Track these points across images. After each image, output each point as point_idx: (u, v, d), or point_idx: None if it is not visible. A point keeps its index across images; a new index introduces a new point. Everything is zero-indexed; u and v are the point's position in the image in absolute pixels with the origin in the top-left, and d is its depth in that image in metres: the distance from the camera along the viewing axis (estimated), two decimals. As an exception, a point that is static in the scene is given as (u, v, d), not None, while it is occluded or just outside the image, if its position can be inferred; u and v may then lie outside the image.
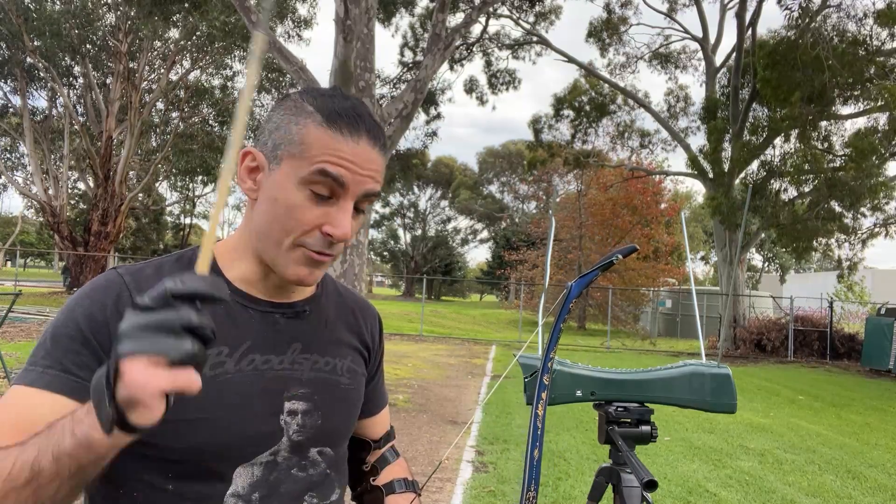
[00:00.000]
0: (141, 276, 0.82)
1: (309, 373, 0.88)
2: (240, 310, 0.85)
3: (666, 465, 5.35)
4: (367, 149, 0.81)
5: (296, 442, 0.85)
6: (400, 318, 22.41)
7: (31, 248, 49.50)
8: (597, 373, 1.41)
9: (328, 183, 0.78)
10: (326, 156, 0.78)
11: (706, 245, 47.41)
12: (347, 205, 0.80)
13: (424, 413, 7.17)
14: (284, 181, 0.79)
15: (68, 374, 0.74)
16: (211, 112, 24.96)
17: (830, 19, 15.12)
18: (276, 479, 0.83)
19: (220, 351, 0.81)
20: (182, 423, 0.76)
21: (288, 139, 0.80)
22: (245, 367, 0.83)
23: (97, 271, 22.09)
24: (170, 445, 0.77)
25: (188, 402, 0.76)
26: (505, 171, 50.45)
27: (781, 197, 17.01)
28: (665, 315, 26.22)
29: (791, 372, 13.94)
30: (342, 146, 0.79)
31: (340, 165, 0.78)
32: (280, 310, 0.88)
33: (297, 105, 0.82)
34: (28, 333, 11.32)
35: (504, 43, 20.04)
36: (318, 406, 0.88)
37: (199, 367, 0.57)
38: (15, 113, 23.85)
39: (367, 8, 7.41)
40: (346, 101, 0.82)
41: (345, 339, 0.97)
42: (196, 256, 0.86)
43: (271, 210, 0.80)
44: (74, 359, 0.74)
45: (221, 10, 17.70)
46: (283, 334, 0.88)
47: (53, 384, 0.73)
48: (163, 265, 0.86)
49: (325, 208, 0.79)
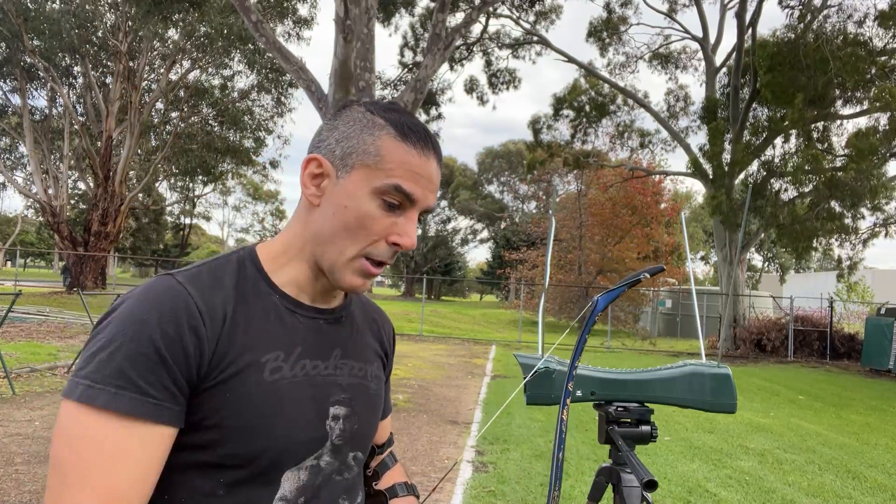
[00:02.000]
0: (202, 283, 0.80)
1: (348, 378, 0.90)
2: (288, 314, 0.86)
3: (666, 465, 5.35)
4: (435, 166, 0.85)
5: (337, 446, 0.87)
6: (400, 318, 22.41)
7: (31, 248, 49.51)
8: (597, 373, 1.41)
9: (400, 197, 0.82)
10: (402, 170, 0.81)
11: (706, 245, 47.42)
12: (414, 216, 0.84)
13: (424, 413, 7.17)
14: (356, 190, 0.82)
15: (145, 397, 0.72)
16: (211, 112, 24.95)
17: (831, 20, 15.14)
18: (320, 484, 0.85)
19: (277, 355, 0.82)
20: (245, 429, 0.77)
21: (361, 149, 0.82)
22: (298, 372, 0.84)
23: (97, 271, 22.10)
24: (232, 451, 0.77)
25: (251, 407, 0.77)
26: (505, 171, 50.48)
27: (781, 197, 17.02)
28: (665, 315, 26.22)
29: (791, 372, 13.94)
30: (415, 161, 0.82)
31: (413, 181, 0.82)
32: (323, 315, 0.90)
33: (367, 117, 0.85)
34: (28, 333, 11.31)
35: (504, 42, 20.05)
36: (355, 411, 0.90)
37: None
38: (15, 113, 23.85)
39: (367, 8, 7.41)
40: (412, 117, 0.86)
41: (371, 345, 1.00)
42: (246, 262, 0.87)
43: (340, 217, 0.82)
44: (150, 378, 0.72)
45: (220, 11, 17.71)
46: (327, 340, 0.90)
47: (133, 409, 0.71)
48: (217, 269, 0.84)
49: (393, 219, 0.83)
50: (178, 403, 0.75)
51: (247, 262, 0.87)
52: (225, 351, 0.78)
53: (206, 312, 0.77)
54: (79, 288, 19.19)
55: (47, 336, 11.29)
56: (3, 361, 6.67)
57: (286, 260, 0.88)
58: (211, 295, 0.80)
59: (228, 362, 0.77)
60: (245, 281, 0.84)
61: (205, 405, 0.76)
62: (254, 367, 0.79)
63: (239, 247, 0.91)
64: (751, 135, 17.26)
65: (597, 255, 26.59)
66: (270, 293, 0.85)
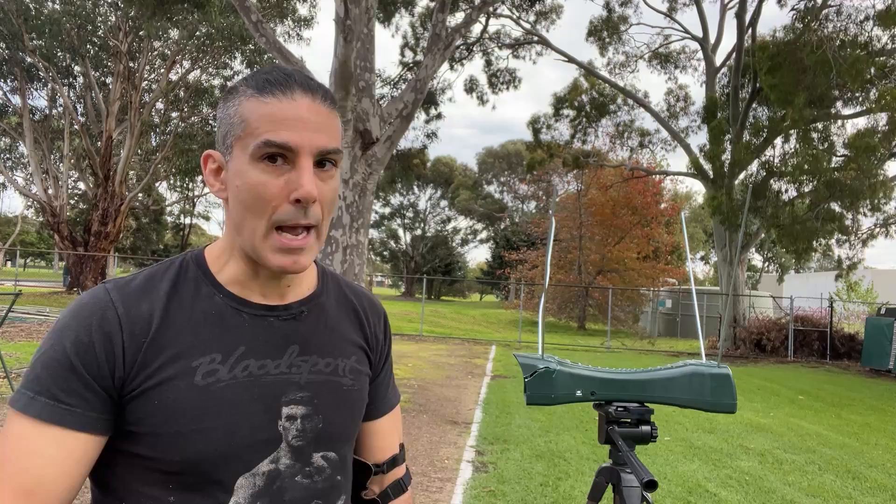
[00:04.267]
0: (129, 290, 0.81)
1: (308, 375, 0.86)
2: (232, 314, 0.83)
3: (666, 465, 5.35)
4: (307, 103, 0.78)
5: (296, 447, 0.83)
6: (400, 318, 22.41)
7: (31, 248, 49.51)
8: (597, 373, 1.41)
9: (275, 149, 0.76)
10: (266, 124, 0.76)
11: (706, 245, 47.41)
12: (306, 164, 0.77)
13: (424, 413, 7.17)
14: (239, 165, 0.79)
15: (57, 402, 0.74)
16: (211, 112, 24.96)
17: (832, 20, 15.14)
18: (280, 488, 0.82)
19: (213, 358, 0.80)
20: (178, 435, 0.76)
21: (229, 124, 0.80)
22: (239, 373, 0.81)
23: (97, 271, 22.10)
24: (168, 458, 0.76)
25: (180, 413, 0.76)
26: (504, 171, 50.47)
27: (781, 197, 17.01)
28: (665, 315, 26.21)
29: (791, 372, 13.94)
30: (278, 108, 0.77)
31: (284, 128, 0.76)
32: (274, 312, 0.87)
33: (232, 90, 0.82)
34: (28, 333, 11.31)
35: (504, 42, 20.05)
36: (318, 409, 0.86)
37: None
38: (15, 113, 23.84)
39: (367, 8, 7.41)
40: (275, 69, 0.80)
41: (348, 338, 0.95)
42: (190, 264, 0.85)
43: (238, 198, 0.79)
44: (62, 385, 0.74)
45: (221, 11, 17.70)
46: (279, 337, 0.86)
47: (43, 413, 0.74)
48: (154, 275, 0.84)
49: (285, 177, 0.77)
50: (93, 409, 0.75)
51: (190, 264, 0.86)
52: (150, 358, 0.77)
53: (125, 318, 0.77)
54: (79, 288, 19.19)
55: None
56: (3, 361, 6.67)
57: (226, 258, 0.86)
58: (137, 301, 0.79)
59: (155, 369, 0.77)
60: (184, 284, 0.83)
61: (135, 413, 0.76)
62: (183, 372, 0.78)
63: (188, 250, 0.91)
64: (751, 135, 17.25)
65: (597, 255, 26.59)
66: (213, 293, 0.84)
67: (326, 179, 0.81)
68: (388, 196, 47.52)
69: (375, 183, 7.35)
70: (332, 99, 0.83)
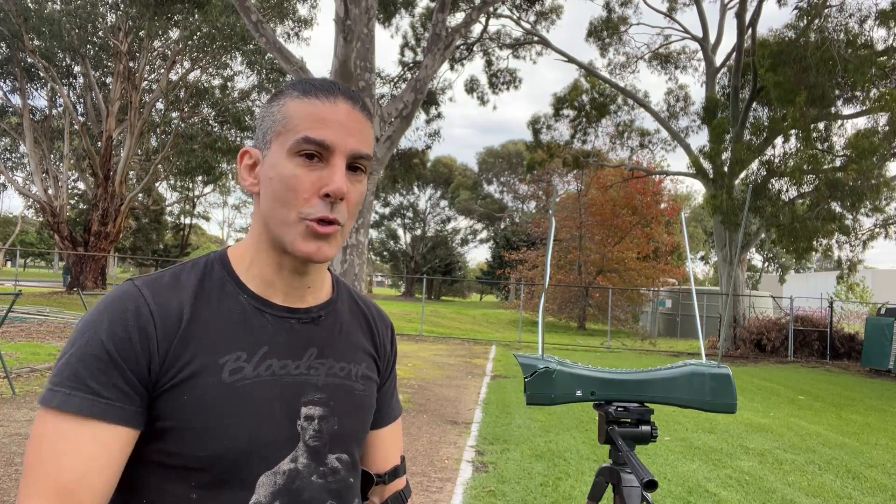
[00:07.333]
0: (159, 286, 0.82)
1: (325, 378, 0.88)
2: (255, 314, 0.85)
3: (666, 465, 5.35)
4: (347, 109, 0.83)
5: (312, 447, 0.85)
6: (400, 318, 22.41)
7: (31, 248, 49.51)
8: (597, 373, 1.41)
9: (314, 148, 0.80)
10: (308, 122, 0.81)
11: (706, 245, 47.42)
12: (339, 163, 0.81)
13: (424, 413, 7.17)
14: (276, 159, 0.82)
15: (97, 397, 0.74)
16: (211, 112, 24.96)
17: (832, 20, 15.13)
18: (299, 488, 0.83)
19: (239, 356, 0.82)
20: (203, 431, 0.77)
21: (272, 121, 0.84)
22: (263, 372, 0.83)
23: (97, 271, 22.10)
24: (192, 454, 0.77)
25: (207, 409, 0.77)
26: (504, 171, 50.46)
27: (782, 197, 17.01)
28: (665, 315, 26.22)
29: (791, 372, 13.94)
30: (320, 109, 0.82)
31: (323, 127, 0.81)
32: (295, 315, 0.89)
33: (279, 93, 0.87)
34: (28, 333, 11.31)
35: (504, 43, 20.06)
36: (334, 411, 0.88)
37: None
38: (15, 113, 23.84)
39: (367, 8, 7.41)
40: (326, 79, 0.86)
41: (360, 345, 0.97)
42: (215, 264, 0.87)
43: (271, 190, 0.82)
44: (102, 379, 0.75)
45: (221, 11, 17.71)
46: (299, 339, 0.88)
47: (83, 408, 0.74)
48: (181, 273, 0.86)
49: (318, 173, 0.81)
50: (131, 403, 0.76)
51: (215, 264, 0.88)
52: (180, 353, 0.78)
53: (157, 313, 0.79)
54: (79, 288, 19.19)
55: (47, 336, 11.28)
56: (3, 361, 6.67)
57: (251, 257, 0.88)
58: (167, 297, 0.81)
59: (184, 364, 0.78)
60: (210, 282, 0.85)
61: (164, 408, 0.77)
62: (211, 368, 0.79)
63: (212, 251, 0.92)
64: (751, 135, 17.26)
65: (597, 255, 26.59)
66: (238, 293, 0.85)
67: (355, 183, 0.85)
68: (388, 196, 47.53)
69: (375, 183, 7.35)
70: (369, 111, 0.88)
